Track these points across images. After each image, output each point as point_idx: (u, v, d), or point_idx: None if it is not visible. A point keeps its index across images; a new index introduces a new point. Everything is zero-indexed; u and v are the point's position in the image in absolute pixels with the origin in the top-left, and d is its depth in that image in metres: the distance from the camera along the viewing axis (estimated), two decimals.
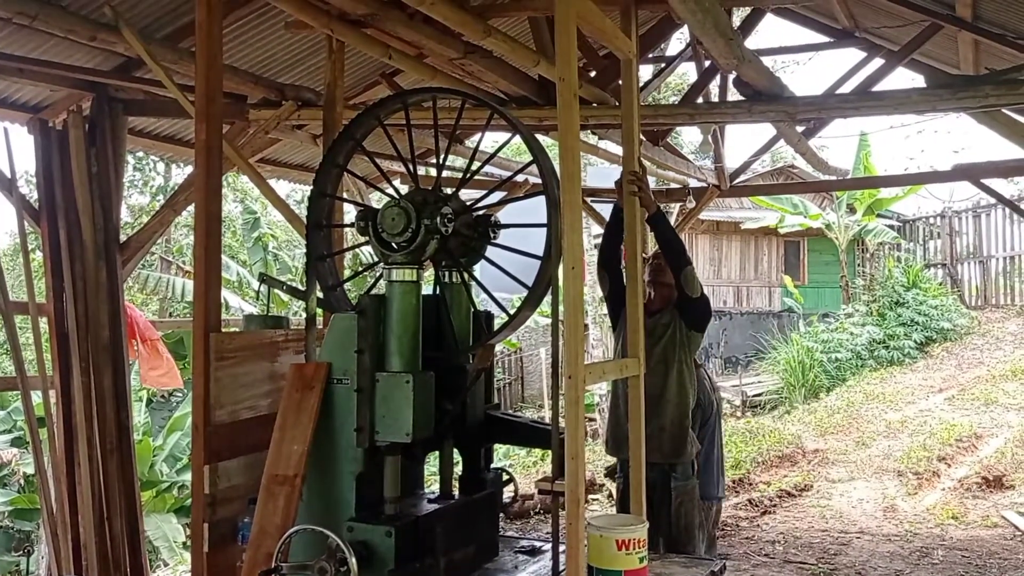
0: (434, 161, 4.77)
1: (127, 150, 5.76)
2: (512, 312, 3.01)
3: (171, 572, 8.67)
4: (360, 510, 2.72)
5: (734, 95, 6.02)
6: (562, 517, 2.57)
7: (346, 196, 4.90)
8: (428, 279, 3.60)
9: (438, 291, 3.09)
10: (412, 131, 3.21)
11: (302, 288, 3.30)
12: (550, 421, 3.03)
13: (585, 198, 7.83)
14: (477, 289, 3.16)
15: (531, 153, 2.91)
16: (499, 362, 16.25)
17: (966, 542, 7.13)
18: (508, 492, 3.48)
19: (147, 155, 15.92)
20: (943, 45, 6.07)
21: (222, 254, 3.59)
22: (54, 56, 4.73)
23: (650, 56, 7.07)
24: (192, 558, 3.40)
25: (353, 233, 3.05)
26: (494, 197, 3.45)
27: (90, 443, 4.91)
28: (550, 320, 3.45)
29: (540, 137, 5.23)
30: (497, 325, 3.24)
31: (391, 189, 3.36)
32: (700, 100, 6.70)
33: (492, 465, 3.27)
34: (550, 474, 2.87)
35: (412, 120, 3.22)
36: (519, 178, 5.87)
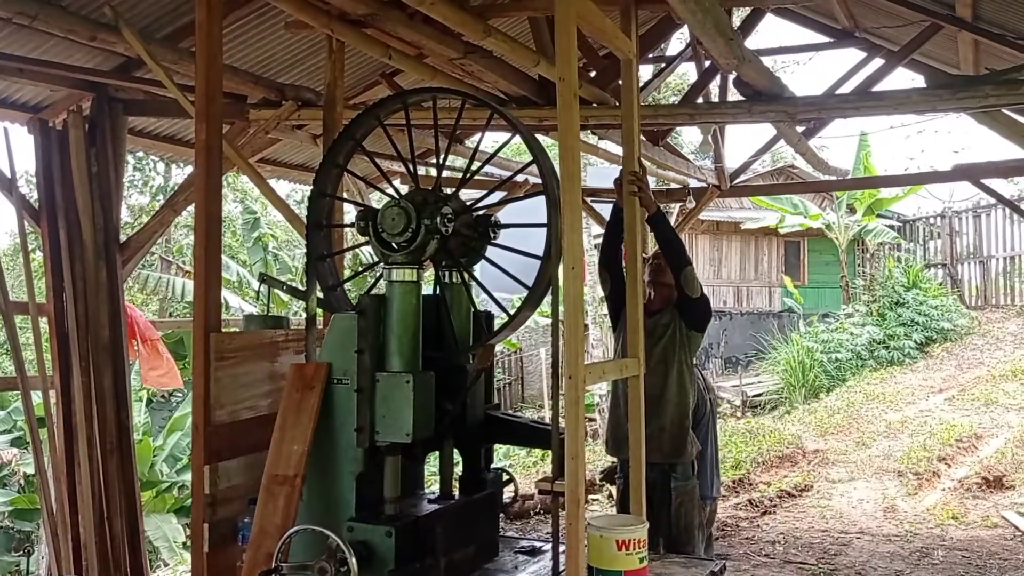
0: (434, 161, 4.77)
1: (127, 150, 5.76)
2: (512, 312, 3.01)
3: (171, 572, 8.67)
4: (360, 510, 2.72)
5: (734, 95, 6.03)
6: (562, 517, 2.57)
7: (346, 196, 4.90)
8: (428, 279, 3.60)
9: (438, 291, 3.09)
10: (412, 131, 3.21)
11: (302, 288, 3.30)
12: (550, 421, 3.03)
13: (585, 198, 7.83)
14: (477, 289, 3.16)
15: (531, 153, 2.91)
16: (499, 362, 16.24)
17: (966, 542, 7.12)
18: (508, 492, 3.48)
19: (147, 155, 15.92)
20: (943, 45, 6.07)
21: (222, 254, 3.59)
22: (54, 56, 4.73)
23: (650, 56, 7.07)
24: (192, 558, 3.40)
25: (353, 233, 3.04)
26: (494, 197, 3.45)
27: (90, 443, 4.91)
28: (550, 320, 3.45)
29: (540, 137, 5.23)
30: (497, 325, 3.24)
31: (391, 189, 3.36)
32: (700, 100, 6.70)
33: (492, 465, 3.27)
34: (550, 474, 2.87)
35: (412, 120, 3.22)
36: (519, 178, 5.87)
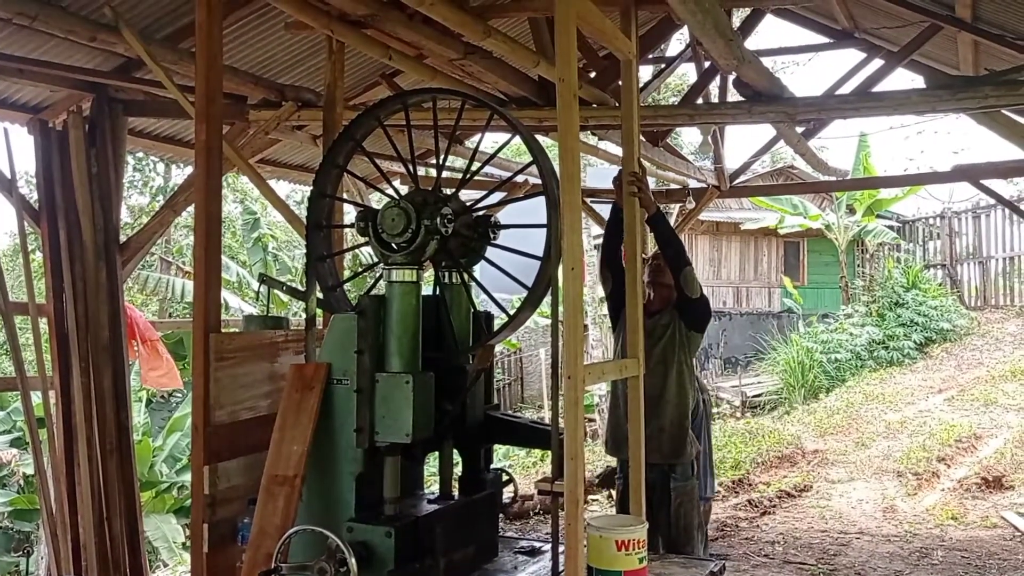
0: (434, 162, 4.77)
1: (127, 151, 5.76)
2: (512, 313, 3.01)
3: (171, 573, 8.67)
4: (360, 510, 2.72)
5: (734, 96, 6.03)
6: (561, 518, 2.57)
7: (346, 197, 4.90)
8: (428, 280, 3.60)
9: (438, 292, 3.09)
10: (412, 132, 3.21)
11: (302, 289, 3.30)
12: (549, 422, 3.03)
13: (585, 198, 7.84)
14: (477, 290, 3.16)
15: (531, 154, 2.91)
16: (499, 363, 16.24)
17: (965, 543, 7.13)
18: (508, 493, 3.48)
19: (147, 156, 15.95)
20: (943, 46, 6.07)
21: (222, 255, 3.59)
22: (54, 57, 4.73)
23: (650, 57, 7.07)
24: (192, 559, 3.40)
25: (353, 234, 3.05)
26: (494, 198, 3.45)
27: (90, 443, 4.91)
28: (550, 321, 3.45)
29: (540, 138, 5.23)
30: (497, 326, 3.24)
31: (391, 190, 3.36)
32: (700, 101, 6.71)
33: (492, 466, 3.27)
34: (549, 475, 2.87)
35: (412, 121, 3.22)
36: (519, 179, 5.87)
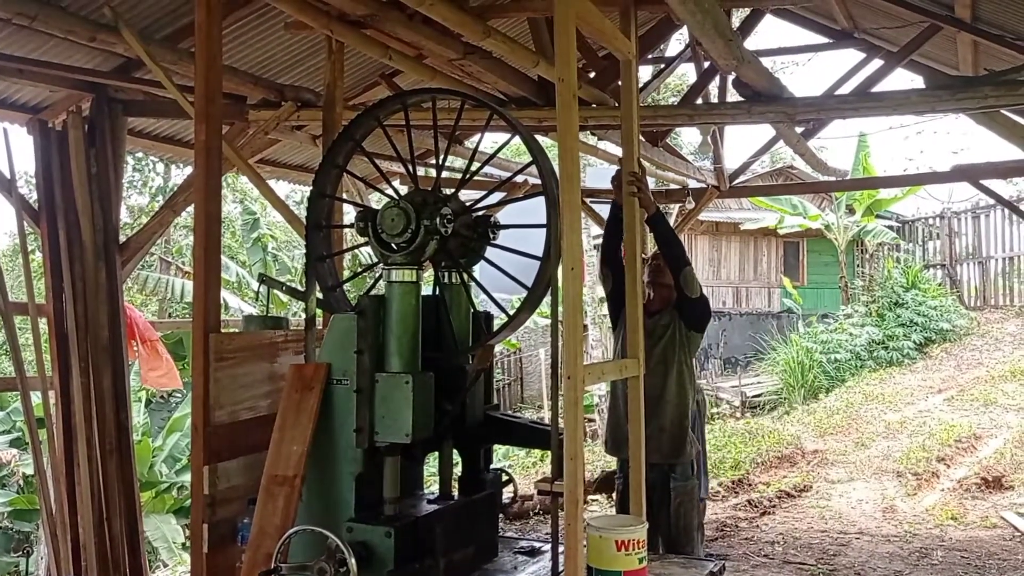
0: (433, 162, 4.77)
1: (127, 151, 5.76)
2: (511, 313, 3.01)
3: (170, 573, 8.67)
4: (359, 511, 2.72)
5: (733, 96, 6.03)
6: (561, 518, 2.57)
7: (345, 197, 4.90)
8: (428, 280, 3.60)
9: (438, 292, 3.09)
10: (411, 132, 3.21)
11: (301, 289, 3.30)
12: (549, 422, 3.03)
13: (584, 199, 7.84)
14: (476, 290, 3.16)
15: (530, 154, 2.91)
16: (498, 363, 16.24)
17: (965, 543, 7.13)
18: (507, 493, 3.48)
19: (146, 156, 15.95)
20: (942, 46, 6.07)
21: (221, 255, 3.59)
22: (54, 57, 4.72)
23: (649, 57, 7.07)
24: (191, 559, 3.40)
25: (352, 234, 3.05)
26: (494, 198, 3.45)
27: (89, 444, 4.91)
28: (549, 321, 3.45)
29: (539, 138, 5.23)
30: (497, 326, 3.24)
31: (391, 190, 3.36)
32: (699, 101, 6.71)
33: (491, 466, 3.27)
34: (549, 475, 2.87)
35: (411, 121, 3.21)
36: (518, 179, 5.87)
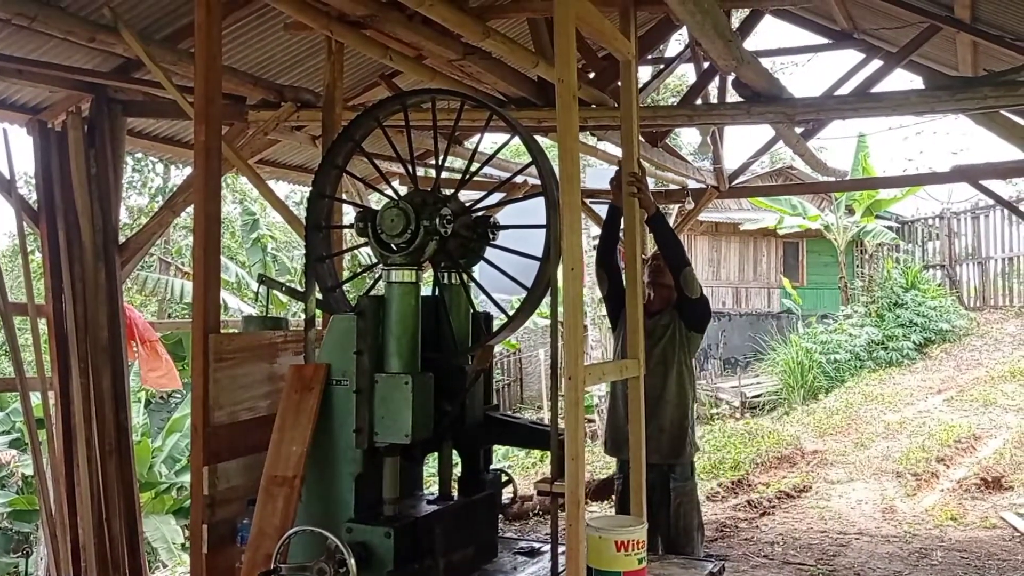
0: (433, 162, 4.77)
1: (126, 151, 5.76)
2: (511, 313, 3.01)
3: (170, 574, 8.66)
4: (359, 511, 2.72)
5: (733, 96, 6.03)
6: (561, 518, 2.56)
7: (345, 197, 4.90)
8: (427, 280, 3.60)
9: (437, 292, 3.09)
10: (411, 132, 3.21)
11: (301, 289, 3.30)
12: (549, 422, 3.03)
13: (584, 199, 7.84)
14: (476, 290, 3.16)
15: (530, 154, 2.91)
16: (498, 363, 16.24)
17: (965, 543, 7.13)
18: (507, 493, 3.48)
19: (146, 156, 15.93)
20: (941, 47, 6.07)
21: (221, 255, 3.59)
22: (53, 57, 4.72)
23: (649, 57, 7.08)
24: (191, 559, 3.39)
25: (352, 234, 3.04)
26: (493, 198, 3.45)
27: (89, 444, 4.91)
28: (549, 321, 3.45)
29: (539, 138, 5.24)
30: (496, 326, 3.24)
31: (390, 190, 3.36)
32: (699, 101, 6.72)
33: (491, 466, 3.27)
34: (549, 475, 2.87)
35: (411, 121, 3.21)
36: (518, 179, 5.87)
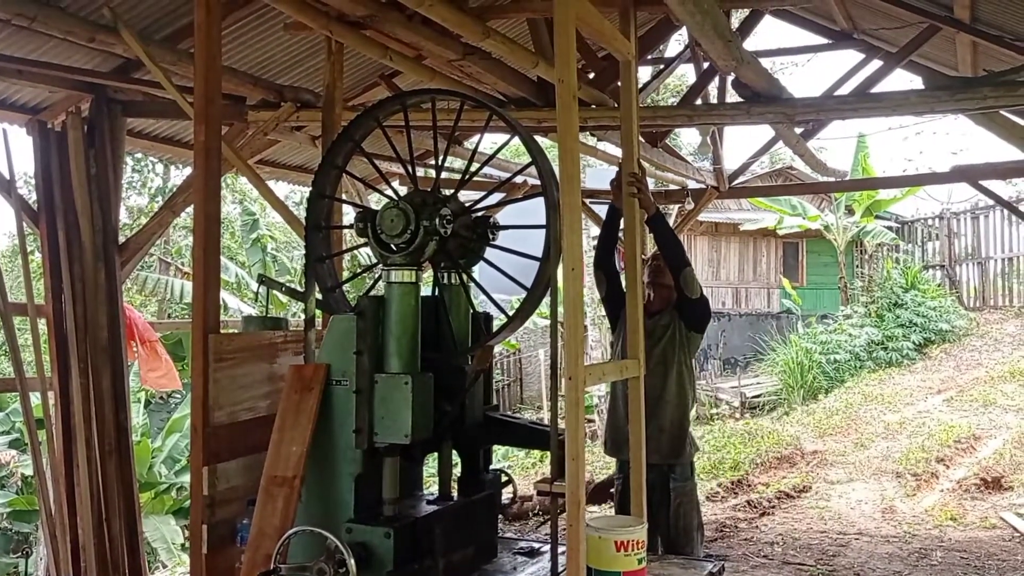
0: (433, 162, 4.77)
1: (126, 151, 5.75)
2: (511, 313, 3.01)
3: (169, 574, 8.66)
4: (359, 511, 2.72)
5: (733, 97, 6.03)
6: (561, 519, 2.57)
7: (345, 197, 4.90)
8: (427, 280, 3.60)
9: (437, 292, 3.09)
10: (411, 132, 3.21)
11: (301, 289, 3.30)
12: (548, 422, 3.03)
13: (584, 199, 7.84)
14: (476, 290, 3.16)
15: (530, 154, 2.91)
16: (498, 363, 16.24)
17: (965, 543, 7.13)
18: (507, 493, 3.48)
19: (146, 156, 15.93)
20: (941, 47, 6.07)
21: (221, 255, 3.59)
22: (53, 57, 4.72)
23: (649, 58, 7.08)
24: (191, 560, 3.39)
25: (352, 235, 3.04)
26: (493, 198, 3.45)
27: (89, 444, 4.91)
28: (549, 321, 3.45)
29: (539, 138, 5.24)
30: (496, 326, 3.24)
31: (390, 190, 3.36)
32: (699, 102, 6.72)
33: (491, 466, 3.27)
34: (549, 475, 2.87)
35: (411, 121, 3.21)
36: (518, 179, 5.87)
